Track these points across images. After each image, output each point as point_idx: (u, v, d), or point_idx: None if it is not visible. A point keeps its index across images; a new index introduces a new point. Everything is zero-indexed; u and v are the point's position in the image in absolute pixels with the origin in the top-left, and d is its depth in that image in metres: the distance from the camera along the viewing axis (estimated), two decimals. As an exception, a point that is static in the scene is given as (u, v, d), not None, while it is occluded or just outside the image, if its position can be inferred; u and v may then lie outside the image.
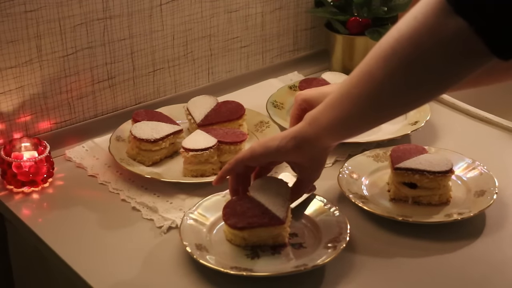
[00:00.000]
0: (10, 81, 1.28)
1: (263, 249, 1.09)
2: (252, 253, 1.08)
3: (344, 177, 1.23)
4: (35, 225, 1.17)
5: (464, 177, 1.24)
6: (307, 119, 1.01)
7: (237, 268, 1.03)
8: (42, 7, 1.27)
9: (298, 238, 1.12)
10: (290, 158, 1.05)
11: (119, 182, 1.26)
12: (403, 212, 1.16)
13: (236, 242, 1.09)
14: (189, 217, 1.13)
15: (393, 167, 1.19)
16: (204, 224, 1.13)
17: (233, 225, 1.07)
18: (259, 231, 1.08)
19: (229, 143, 1.26)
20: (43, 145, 1.26)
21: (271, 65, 1.65)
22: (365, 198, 1.19)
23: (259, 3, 1.57)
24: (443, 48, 0.83)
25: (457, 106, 1.50)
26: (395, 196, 1.20)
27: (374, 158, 1.29)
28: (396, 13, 1.56)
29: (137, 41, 1.41)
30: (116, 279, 1.06)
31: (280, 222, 1.07)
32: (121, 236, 1.14)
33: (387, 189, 1.23)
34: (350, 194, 1.18)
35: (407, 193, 1.19)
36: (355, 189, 1.21)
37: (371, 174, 1.26)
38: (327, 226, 1.12)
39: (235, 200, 1.11)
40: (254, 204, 1.09)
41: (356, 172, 1.25)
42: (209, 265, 1.03)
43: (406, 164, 1.18)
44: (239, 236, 1.08)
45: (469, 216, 1.14)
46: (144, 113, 1.35)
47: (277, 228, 1.08)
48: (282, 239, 1.09)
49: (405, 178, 1.18)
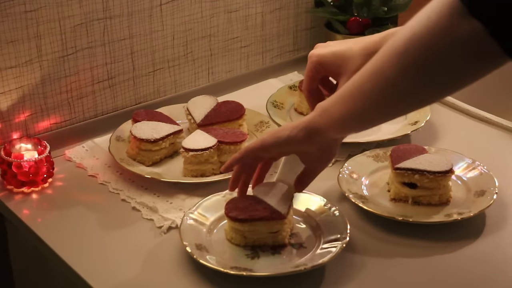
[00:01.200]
0: (10, 81, 1.28)
1: (263, 249, 1.09)
2: (252, 253, 1.08)
3: (344, 177, 1.23)
4: (35, 225, 1.17)
5: (464, 177, 1.24)
6: (318, 110, 1.00)
7: (237, 268, 1.04)
8: (42, 7, 1.27)
9: (298, 238, 1.12)
10: (301, 148, 1.05)
11: (119, 182, 1.26)
12: (403, 212, 1.16)
13: (236, 241, 1.10)
14: (189, 217, 1.13)
15: (393, 167, 1.19)
16: (204, 224, 1.13)
17: (234, 218, 1.08)
18: (259, 226, 1.08)
19: (229, 143, 1.26)
20: (43, 145, 1.26)
21: (271, 65, 1.65)
22: (365, 198, 1.19)
23: (259, 3, 1.57)
24: (458, 49, 0.82)
25: (457, 106, 1.50)
26: (395, 196, 1.20)
27: (374, 158, 1.29)
28: (396, 13, 1.57)
29: (137, 41, 1.41)
30: (116, 279, 1.06)
31: (281, 216, 1.08)
32: (121, 236, 1.14)
33: (387, 189, 1.23)
34: (350, 194, 1.19)
35: (407, 193, 1.19)
36: (355, 189, 1.21)
37: (371, 174, 1.26)
38: (327, 226, 1.12)
39: (238, 198, 1.11)
40: (256, 201, 1.10)
41: (356, 172, 1.25)
42: (209, 265, 1.04)
43: (406, 164, 1.18)
44: (240, 233, 1.09)
45: (469, 216, 1.14)
46: (144, 113, 1.35)
47: (278, 223, 1.08)
48: (282, 238, 1.09)
49: (405, 178, 1.18)
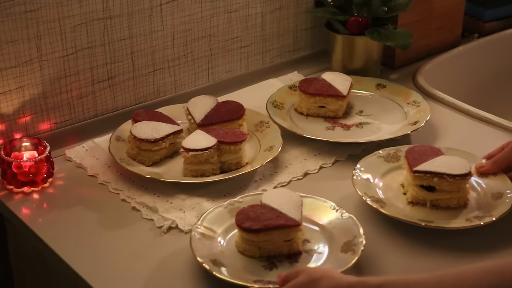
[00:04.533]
0: (10, 81, 1.28)
1: (279, 259, 1.07)
2: (269, 264, 1.06)
3: (359, 180, 1.21)
4: (35, 225, 1.17)
5: (478, 179, 1.22)
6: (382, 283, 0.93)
7: (262, 282, 1.00)
8: (42, 7, 1.27)
9: (311, 244, 1.10)
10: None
11: (119, 182, 1.26)
12: (422, 216, 1.14)
13: (250, 252, 1.07)
14: (197, 232, 1.09)
15: (411, 170, 1.17)
16: (213, 238, 1.10)
17: (248, 228, 1.05)
18: (275, 235, 1.05)
19: (229, 143, 1.26)
20: (43, 145, 1.26)
21: (271, 65, 1.64)
22: (382, 202, 1.17)
23: (259, 3, 1.57)
24: None
25: (457, 106, 1.50)
26: (413, 199, 1.18)
27: (385, 159, 1.26)
28: (396, 13, 1.57)
29: (137, 41, 1.41)
30: (116, 279, 1.06)
31: (296, 223, 1.06)
32: (121, 236, 1.14)
33: (401, 191, 1.20)
34: (368, 198, 1.16)
35: (425, 196, 1.17)
36: (372, 193, 1.18)
37: (384, 175, 1.24)
38: (337, 229, 1.10)
39: (247, 207, 1.09)
40: (267, 209, 1.07)
41: (368, 173, 1.23)
42: (232, 280, 1.00)
43: (425, 167, 1.16)
44: (253, 244, 1.06)
45: (492, 221, 1.12)
46: (144, 113, 1.35)
47: (293, 231, 1.06)
48: (296, 246, 1.07)
49: (424, 181, 1.16)
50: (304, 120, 1.43)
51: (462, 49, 1.74)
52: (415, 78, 1.60)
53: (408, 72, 1.64)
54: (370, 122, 1.42)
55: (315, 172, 1.29)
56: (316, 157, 1.33)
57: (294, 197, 1.10)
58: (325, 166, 1.31)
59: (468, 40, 1.80)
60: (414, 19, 1.64)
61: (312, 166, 1.31)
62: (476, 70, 1.77)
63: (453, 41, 1.75)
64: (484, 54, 1.79)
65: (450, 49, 1.73)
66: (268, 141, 1.33)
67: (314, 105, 1.43)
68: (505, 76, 1.84)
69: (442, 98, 1.52)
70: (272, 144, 1.32)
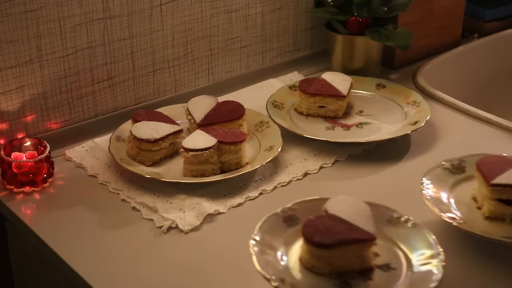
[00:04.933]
0: (10, 81, 1.28)
1: (351, 276, 0.97)
2: (341, 282, 0.96)
3: (429, 195, 1.13)
4: (35, 225, 1.17)
5: None
6: None
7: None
8: (42, 7, 1.27)
9: (381, 258, 1.00)
10: None
11: (119, 182, 1.26)
12: (504, 233, 1.07)
13: (318, 269, 0.97)
14: (257, 247, 0.97)
15: (488, 183, 1.10)
16: (274, 252, 0.99)
17: (320, 243, 0.95)
18: (348, 250, 0.96)
19: (229, 143, 1.26)
20: (43, 145, 1.26)
21: (271, 65, 1.65)
22: (460, 219, 1.10)
23: (259, 3, 1.57)
24: None
25: (457, 106, 1.50)
26: (490, 214, 1.11)
27: (450, 171, 1.19)
28: (396, 13, 1.57)
29: (137, 41, 1.41)
30: (116, 279, 1.06)
31: (371, 237, 0.97)
32: (121, 236, 1.14)
33: (475, 206, 1.14)
34: (444, 215, 1.09)
35: (505, 211, 1.10)
36: (445, 209, 1.11)
37: (452, 189, 1.17)
38: (406, 241, 1.01)
39: (314, 219, 0.99)
40: (336, 221, 0.98)
41: (436, 188, 1.15)
42: None
43: (503, 179, 1.09)
44: (323, 260, 0.96)
45: None
46: (144, 113, 1.35)
47: (368, 245, 0.97)
48: (368, 261, 0.98)
49: (503, 195, 1.09)
50: (304, 120, 1.43)
51: (462, 49, 1.74)
52: (415, 78, 1.60)
53: (408, 72, 1.64)
54: (370, 122, 1.42)
55: (315, 172, 1.29)
56: (316, 157, 1.33)
57: (361, 206, 1.01)
58: (325, 166, 1.31)
59: (468, 40, 1.80)
60: (414, 19, 1.64)
61: (312, 166, 1.31)
62: (476, 70, 1.77)
63: (453, 41, 1.75)
64: (484, 54, 1.79)
65: (450, 49, 1.73)
66: (268, 141, 1.33)
67: (314, 105, 1.43)
68: (505, 76, 1.84)
69: (442, 98, 1.52)
70: (272, 144, 1.32)
